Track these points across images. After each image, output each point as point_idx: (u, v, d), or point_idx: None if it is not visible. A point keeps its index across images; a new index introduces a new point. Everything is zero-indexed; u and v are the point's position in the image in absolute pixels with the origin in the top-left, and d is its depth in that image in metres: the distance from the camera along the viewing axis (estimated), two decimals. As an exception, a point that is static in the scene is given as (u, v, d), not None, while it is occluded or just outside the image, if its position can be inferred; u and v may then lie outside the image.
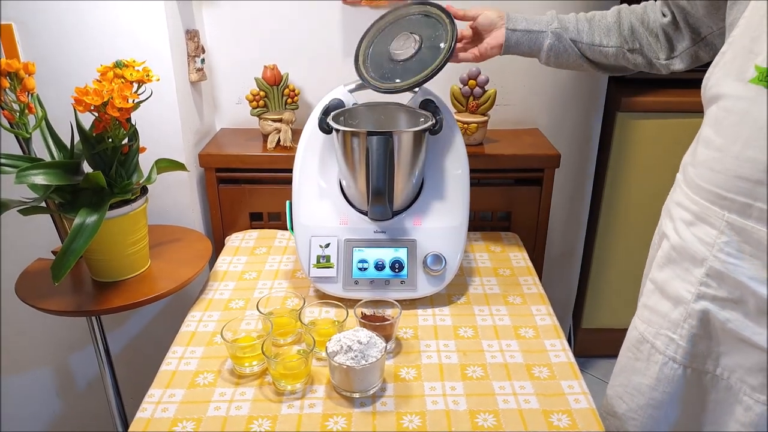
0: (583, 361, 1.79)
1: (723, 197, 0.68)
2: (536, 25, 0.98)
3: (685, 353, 0.75)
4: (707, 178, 0.70)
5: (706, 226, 0.70)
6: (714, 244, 0.69)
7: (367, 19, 1.33)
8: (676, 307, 0.75)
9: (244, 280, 1.12)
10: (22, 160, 0.91)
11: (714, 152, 0.69)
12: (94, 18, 1.11)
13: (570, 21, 0.98)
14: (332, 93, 1.06)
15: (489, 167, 1.30)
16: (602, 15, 0.97)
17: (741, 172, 0.65)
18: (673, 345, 0.75)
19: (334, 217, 1.04)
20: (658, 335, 0.77)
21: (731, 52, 0.68)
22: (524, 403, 0.80)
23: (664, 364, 0.76)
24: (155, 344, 1.36)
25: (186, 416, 0.78)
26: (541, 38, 0.97)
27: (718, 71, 0.70)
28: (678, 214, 0.76)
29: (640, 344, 0.80)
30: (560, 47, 0.97)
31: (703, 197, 0.71)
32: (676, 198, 0.77)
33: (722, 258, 0.69)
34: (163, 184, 1.18)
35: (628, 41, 0.94)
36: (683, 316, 0.74)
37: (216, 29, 1.35)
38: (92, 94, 0.87)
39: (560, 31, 0.96)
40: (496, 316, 1.00)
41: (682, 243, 0.74)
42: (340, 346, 0.81)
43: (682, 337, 0.74)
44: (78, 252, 0.86)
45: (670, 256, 0.76)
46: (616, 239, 1.60)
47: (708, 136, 0.70)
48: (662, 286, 0.77)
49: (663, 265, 0.78)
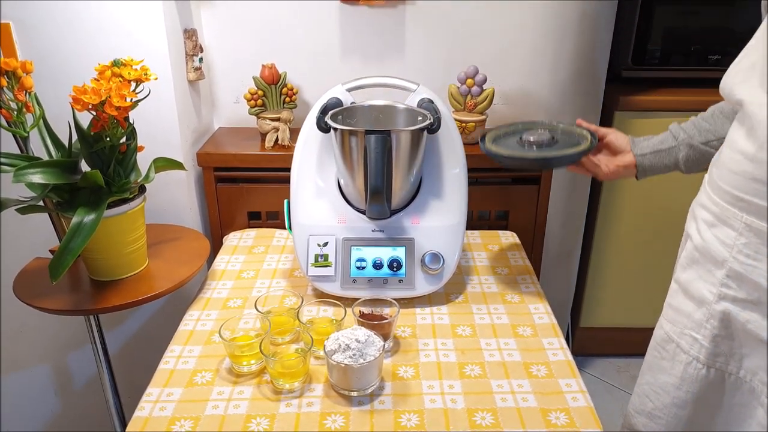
0: (581, 360, 1.79)
1: (741, 199, 0.68)
2: (663, 143, 0.93)
3: (708, 353, 0.75)
4: (727, 179, 0.71)
5: (726, 228, 0.71)
6: (733, 245, 0.70)
7: (365, 17, 1.34)
8: (699, 307, 0.75)
9: (242, 278, 1.12)
10: (19, 159, 0.91)
11: (735, 154, 0.70)
12: (92, 17, 1.11)
13: (693, 126, 0.92)
14: (330, 92, 1.06)
15: (487, 166, 1.30)
16: (716, 107, 0.91)
17: (756, 175, 0.66)
18: (696, 345, 0.76)
19: (332, 215, 1.04)
20: (682, 335, 0.78)
21: (748, 59, 0.69)
22: (522, 401, 0.80)
23: (688, 363, 0.77)
24: (153, 343, 1.35)
25: (184, 415, 0.78)
26: (674, 153, 0.92)
27: (739, 77, 0.71)
28: (701, 215, 0.76)
29: (665, 343, 0.81)
30: (695, 155, 0.90)
31: (723, 199, 0.71)
32: (700, 199, 0.78)
33: (741, 259, 0.69)
34: (160, 182, 1.18)
35: None
36: (706, 317, 0.74)
37: (214, 28, 1.35)
38: (90, 92, 0.87)
39: (689, 139, 0.90)
40: (494, 314, 1.00)
41: (704, 244, 0.74)
42: (338, 344, 0.81)
43: (705, 337, 0.75)
44: (76, 251, 0.86)
45: (693, 256, 0.77)
46: (614, 238, 1.61)
47: (732, 138, 0.71)
48: (686, 286, 0.78)
49: (687, 265, 0.78)
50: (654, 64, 1.47)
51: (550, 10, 1.35)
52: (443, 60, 1.38)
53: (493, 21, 1.35)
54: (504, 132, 1.04)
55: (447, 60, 1.37)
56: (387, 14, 1.34)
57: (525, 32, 1.36)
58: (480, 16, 1.34)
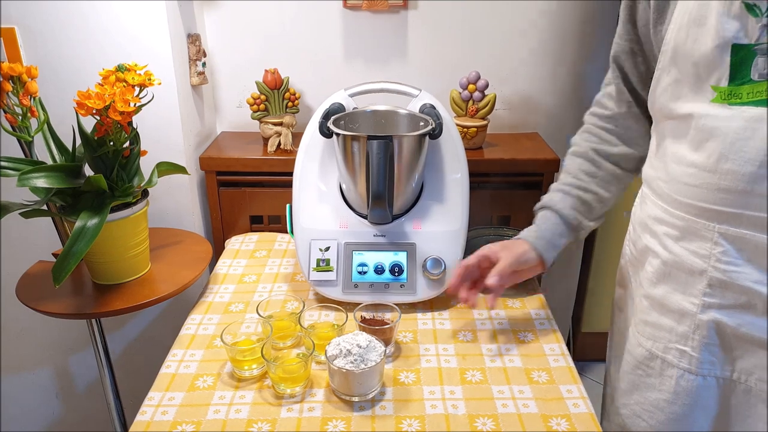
0: (582, 365, 1.79)
1: (709, 210, 0.69)
2: (558, 235, 0.91)
3: (699, 363, 0.74)
4: (688, 193, 0.71)
5: (698, 240, 0.71)
6: (710, 255, 0.70)
7: (368, 23, 1.34)
8: (681, 320, 0.75)
9: (243, 283, 1.12)
10: (24, 163, 0.92)
11: (689, 168, 0.70)
12: (96, 22, 1.12)
13: (574, 205, 0.91)
14: (333, 97, 1.06)
15: (488, 171, 1.30)
16: (577, 169, 0.90)
17: (723, 185, 0.66)
18: (686, 357, 0.75)
19: (334, 220, 1.04)
20: (667, 349, 0.77)
21: (669, 76, 0.70)
22: (523, 407, 0.80)
23: (680, 377, 0.76)
24: (155, 347, 1.36)
25: (185, 419, 0.78)
26: (561, 216, 0.91)
27: (665, 95, 0.72)
28: (661, 230, 0.76)
29: (649, 361, 0.79)
30: (580, 205, 0.90)
31: (687, 212, 0.71)
32: (651, 212, 0.78)
33: (722, 267, 0.69)
34: (163, 186, 1.19)
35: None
36: (691, 328, 0.74)
37: (217, 33, 1.36)
38: (94, 97, 0.87)
39: (562, 196, 0.91)
40: (496, 320, 1.00)
41: (674, 258, 0.74)
42: (340, 349, 0.81)
43: (694, 348, 0.74)
44: (79, 255, 0.86)
45: (663, 271, 0.76)
46: (615, 243, 1.60)
47: (678, 153, 0.71)
48: (661, 301, 0.77)
49: (657, 281, 0.78)
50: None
51: (551, 15, 1.35)
52: (445, 65, 1.38)
53: (495, 27, 1.35)
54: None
55: (449, 65, 1.38)
56: (389, 20, 1.34)
57: (527, 38, 1.37)
58: (482, 21, 1.35)
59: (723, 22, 0.62)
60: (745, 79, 0.63)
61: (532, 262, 0.90)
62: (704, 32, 0.64)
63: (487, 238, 1.18)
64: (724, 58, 0.63)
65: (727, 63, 0.63)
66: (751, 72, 0.62)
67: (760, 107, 0.62)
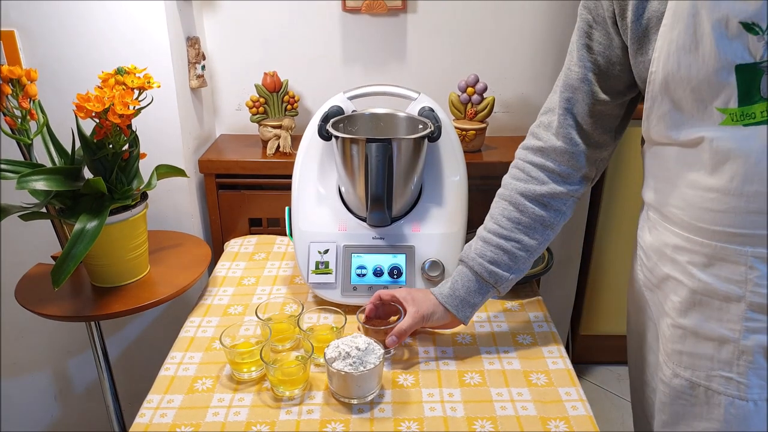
0: (581, 368, 1.79)
1: (739, 234, 0.67)
2: (461, 278, 0.90)
3: (747, 388, 0.72)
4: (713, 220, 0.68)
5: (729, 265, 0.69)
6: (746, 280, 0.68)
7: (367, 26, 1.35)
8: (722, 346, 0.72)
9: (242, 285, 1.12)
10: (23, 166, 0.92)
11: (708, 193, 0.68)
12: (95, 25, 1.12)
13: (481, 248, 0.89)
14: (332, 100, 1.07)
15: (487, 174, 1.30)
16: (501, 220, 0.88)
17: (752, 208, 0.65)
18: (732, 384, 0.72)
19: (333, 223, 1.04)
20: (710, 377, 0.74)
21: (664, 105, 0.69)
22: (522, 409, 0.80)
23: (729, 404, 0.73)
24: (154, 349, 1.36)
25: (184, 422, 0.78)
26: (475, 274, 0.89)
27: (662, 123, 0.70)
28: (684, 259, 0.73)
29: (692, 389, 0.76)
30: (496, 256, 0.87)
31: (714, 239, 0.69)
32: (669, 241, 0.75)
33: (760, 291, 0.67)
34: (162, 189, 1.19)
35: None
36: (735, 355, 0.71)
37: (216, 36, 1.36)
38: (93, 100, 0.88)
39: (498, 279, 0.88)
40: (494, 322, 1.00)
41: (704, 286, 0.72)
42: (339, 352, 0.81)
43: (741, 374, 0.72)
44: (78, 257, 0.86)
45: (694, 299, 0.74)
46: (614, 246, 1.61)
47: (691, 178, 0.70)
48: (695, 330, 0.74)
49: (687, 310, 0.75)
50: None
51: (550, 18, 1.36)
52: (444, 68, 1.39)
53: (494, 29, 1.36)
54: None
55: (448, 68, 1.38)
56: (388, 23, 1.35)
57: (526, 41, 1.37)
58: (480, 24, 1.35)
59: (722, 44, 0.61)
60: (755, 99, 0.62)
61: (443, 320, 0.90)
62: (699, 57, 0.63)
63: None
64: (729, 80, 0.62)
65: (733, 84, 0.62)
66: (761, 90, 0.61)
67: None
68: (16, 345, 1.39)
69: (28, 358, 1.41)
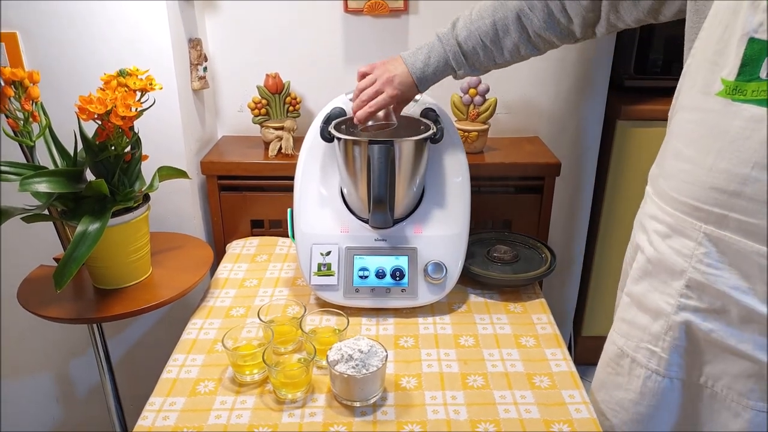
0: (584, 369, 1.78)
1: (698, 209, 0.68)
2: (436, 56, 0.94)
3: (668, 365, 0.74)
4: (681, 190, 0.70)
5: (683, 238, 0.70)
6: (692, 255, 0.69)
7: (369, 27, 1.35)
8: (656, 319, 0.74)
9: (244, 287, 1.12)
10: (25, 168, 0.92)
11: (685, 164, 0.69)
12: (98, 27, 1.12)
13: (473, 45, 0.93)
14: (334, 101, 1.07)
15: (489, 175, 1.30)
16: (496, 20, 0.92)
17: (715, 184, 0.65)
18: (655, 358, 0.75)
19: (335, 224, 1.04)
20: (638, 348, 0.76)
21: (695, 63, 0.69)
22: (525, 412, 0.80)
23: (647, 377, 0.75)
24: (156, 351, 1.36)
25: (187, 424, 0.78)
26: (448, 63, 0.94)
27: (687, 83, 0.70)
28: (652, 227, 0.75)
29: (619, 359, 0.79)
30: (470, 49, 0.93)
31: (677, 209, 0.70)
32: (649, 210, 0.77)
33: (702, 269, 0.68)
34: (164, 191, 1.18)
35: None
36: (664, 329, 0.73)
37: (218, 37, 1.36)
38: (96, 102, 0.88)
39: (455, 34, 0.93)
40: (497, 324, 1.00)
41: (658, 255, 0.73)
42: (341, 354, 0.81)
43: (664, 349, 0.74)
44: (80, 259, 0.86)
45: (646, 269, 0.76)
46: (617, 247, 1.60)
47: (677, 148, 0.71)
48: (639, 299, 0.77)
49: (639, 278, 0.77)
50: (656, 73, 1.48)
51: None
52: (446, 69, 1.38)
53: (496, 31, 1.35)
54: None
55: (450, 69, 1.38)
56: (390, 24, 1.35)
57: (527, 42, 1.37)
58: (483, 26, 1.35)
59: (749, 14, 0.61)
60: (753, 76, 0.61)
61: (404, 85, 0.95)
62: (735, 22, 0.62)
63: (488, 242, 1.18)
64: (740, 50, 0.62)
65: (740, 56, 0.61)
66: (761, 70, 0.61)
67: (761, 107, 0.61)
68: (17, 347, 1.38)
69: (29, 360, 1.41)
